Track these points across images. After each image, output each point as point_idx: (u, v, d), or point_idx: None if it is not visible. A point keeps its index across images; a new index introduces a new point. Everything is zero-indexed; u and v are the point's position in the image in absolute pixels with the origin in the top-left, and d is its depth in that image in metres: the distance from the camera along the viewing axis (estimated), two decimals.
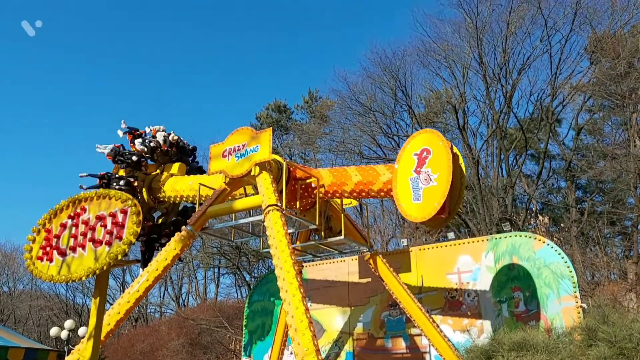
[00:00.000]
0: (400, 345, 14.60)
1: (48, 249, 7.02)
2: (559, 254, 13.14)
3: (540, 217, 26.96)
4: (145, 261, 14.22)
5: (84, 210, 7.00)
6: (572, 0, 24.92)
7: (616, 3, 24.91)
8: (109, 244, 6.58)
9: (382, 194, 12.13)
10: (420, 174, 10.42)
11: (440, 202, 9.86)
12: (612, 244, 26.90)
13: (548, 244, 13.42)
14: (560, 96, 26.99)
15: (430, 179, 10.22)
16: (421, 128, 29.92)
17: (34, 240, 7.25)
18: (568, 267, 12.89)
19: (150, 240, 14.79)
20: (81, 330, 21.57)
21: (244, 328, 17.79)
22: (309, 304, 10.84)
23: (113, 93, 72.54)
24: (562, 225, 28.47)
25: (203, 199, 13.12)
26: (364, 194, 12.49)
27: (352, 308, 15.65)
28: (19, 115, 71.73)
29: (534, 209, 28.44)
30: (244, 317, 17.91)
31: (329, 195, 12.89)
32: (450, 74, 28.81)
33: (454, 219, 29.17)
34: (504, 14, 26.17)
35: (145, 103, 72.53)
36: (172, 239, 12.79)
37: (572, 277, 12.74)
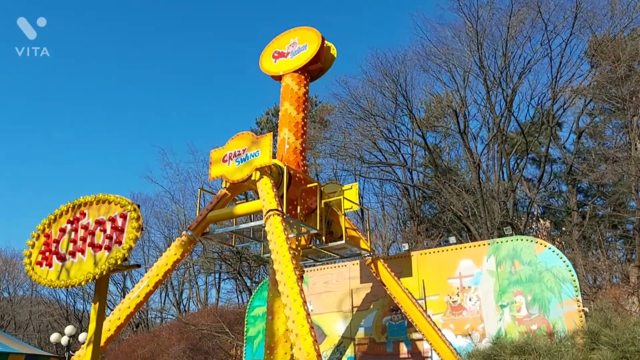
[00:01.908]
0: (402, 350, 14.53)
1: (47, 254, 6.99)
2: (561, 257, 13.10)
3: (542, 221, 26.84)
4: None
5: (84, 215, 6.96)
6: (572, 4, 24.98)
7: (616, 7, 24.95)
8: (109, 248, 6.54)
9: None
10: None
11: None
12: (614, 248, 26.83)
13: (549, 248, 13.38)
14: (561, 100, 26.98)
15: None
16: (422, 132, 30.00)
17: (33, 246, 7.22)
18: (570, 270, 12.85)
19: None
20: (81, 336, 21.53)
21: (245, 333, 17.73)
22: (310, 309, 10.80)
23: (111, 98, 72.71)
24: (563, 228, 28.40)
25: None
26: None
27: (354, 313, 15.59)
28: (18, 120, 71.89)
29: (535, 212, 28.37)
30: (245, 322, 17.86)
31: None
32: (450, 78, 28.86)
33: (455, 223, 29.17)
34: (504, 17, 26.22)
35: (145, 108, 72.68)
36: (173, 244, 12.77)
37: (574, 280, 12.70)
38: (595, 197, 29.35)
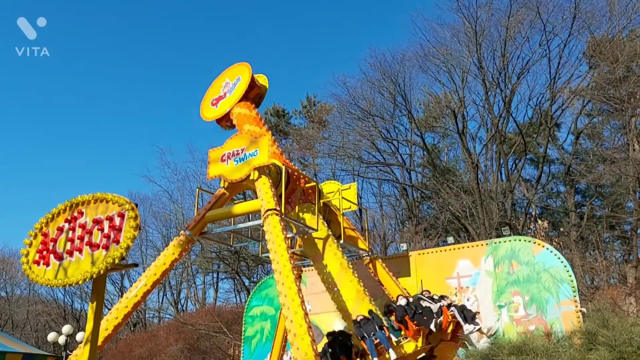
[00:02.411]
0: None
1: (45, 252, 6.99)
2: (559, 258, 13.12)
3: (540, 222, 26.91)
4: None
5: (81, 214, 6.96)
6: (570, 5, 25.00)
7: (614, 8, 24.96)
8: (106, 247, 6.54)
9: None
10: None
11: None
12: (612, 248, 26.85)
13: (547, 249, 13.39)
14: (559, 100, 27.01)
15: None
16: (420, 132, 30.01)
17: (30, 244, 7.21)
18: (567, 271, 12.86)
19: None
20: (79, 336, 21.46)
21: (242, 333, 17.71)
22: (308, 309, 10.81)
23: (110, 97, 72.63)
24: (561, 229, 28.43)
25: None
26: None
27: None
28: (16, 118, 71.77)
29: (533, 213, 28.41)
30: (243, 322, 17.84)
31: None
32: (449, 78, 28.86)
33: (453, 223, 29.19)
34: (503, 18, 26.22)
35: (143, 107, 72.61)
36: (171, 243, 12.76)
37: (572, 281, 12.72)
38: (593, 197, 29.39)
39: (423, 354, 11.09)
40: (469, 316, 11.54)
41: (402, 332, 10.76)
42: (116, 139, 73.05)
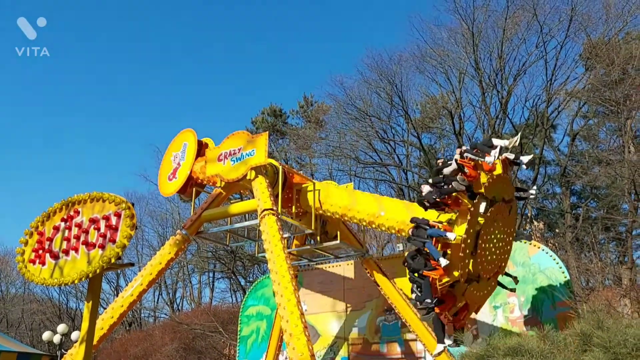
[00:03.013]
0: (396, 350, 14.55)
1: (40, 252, 6.98)
2: (554, 259, 13.16)
3: (535, 223, 26.97)
4: None
5: (78, 213, 6.96)
6: (567, 7, 25.05)
7: (610, 10, 25.04)
8: (103, 247, 6.54)
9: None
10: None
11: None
12: (607, 250, 26.93)
13: (543, 250, 13.44)
14: (555, 102, 27.07)
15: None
16: (417, 133, 30.04)
17: (26, 243, 7.21)
18: (563, 272, 12.90)
19: None
20: (74, 335, 21.39)
21: (238, 333, 17.70)
22: (304, 309, 10.83)
23: (106, 95, 72.45)
24: (557, 230, 28.50)
25: None
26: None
27: (348, 313, 15.60)
28: (18, 120, 71.50)
29: (529, 214, 28.46)
30: (239, 321, 17.83)
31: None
32: (446, 79, 28.88)
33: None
34: (500, 20, 26.26)
35: (140, 106, 72.46)
36: (167, 242, 12.77)
37: (567, 282, 12.76)
38: (588, 199, 29.47)
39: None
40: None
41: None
42: (113, 137, 72.94)
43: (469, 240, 9.24)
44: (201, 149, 13.72)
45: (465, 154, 9.80)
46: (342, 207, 12.50)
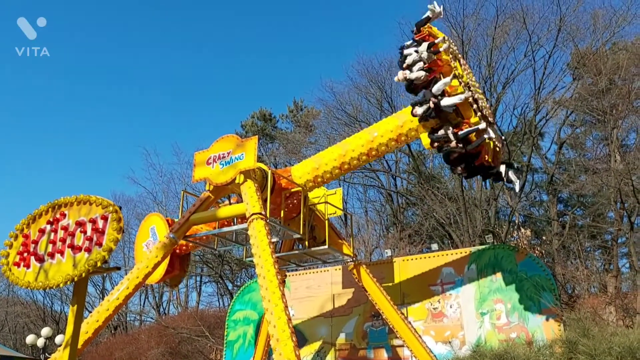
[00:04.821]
0: (383, 356, 14.55)
1: (25, 254, 6.88)
2: (541, 266, 13.25)
3: (523, 230, 27.14)
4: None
5: (64, 215, 6.87)
6: (556, 17, 25.34)
7: (598, 21, 25.38)
8: (89, 250, 6.46)
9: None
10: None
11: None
12: (593, 258, 27.18)
13: (530, 257, 13.53)
14: (543, 110, 27.33)
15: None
16: None
17: (11, 246, 7.11)
18: (549, 279, 12.99)
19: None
20: (58, 338, 21.14)
21: (225, 337, 17.60)
22: (291, 314, 10.79)
23: (96, 99, 71.91)
24: (543, 238, 28.70)
25: None
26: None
27: (335, 318, 15.58)
28: (17, 120, 70.70)
29: (516, 221, 28.62)
30: (226, 326, 17.73)
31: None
32: None
33: (437, 230, 29.34)
34: (490, 28, 26.48)
35: (129, 107, 72.02)
36: (154, 246, 12.65)
37: (553, 289, 12.84)
38: (575, 207, 29.74)
39: None
40: None
41: None
42: (100, 139, 72.40)
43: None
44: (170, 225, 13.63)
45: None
46: (337, 158, 12.46)
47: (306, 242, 13.26)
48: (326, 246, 13.22)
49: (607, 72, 23.22)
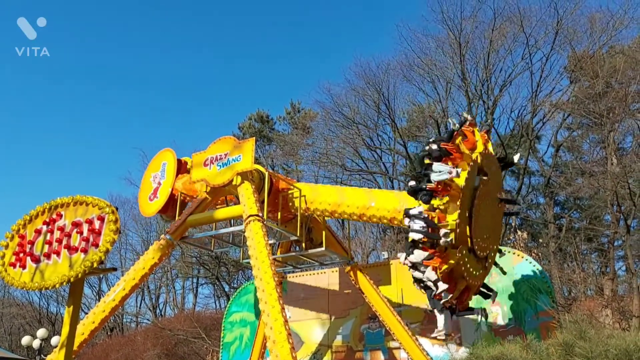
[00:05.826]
0: (379, 358, 14.53)
1: (21, 255, 6.87)
2: (537, 269, 13.25)
3: (519, 233, 27.18)
4: None
5: (60, 216, 6.86)
6: (553, 20, 25.43)
7: (595, 25, 25.47)
8: (85, 251, 6.45)
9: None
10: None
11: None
12: (589, 260, 27.24)
13: (526, 259, 13.53)
14: (540, 113, 27.42)
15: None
16: (403, 141, 30.21)
17: (7, 246, 7.09)
18: (546, 282, 13.00)
19: None
20: (54, 340, 21.07)
21: (221, 339, 17.56)
22: (288, 316, 10.78)
23: (95, 99, 71.80)
24: (540, 240, 28.75)
25: None
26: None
27: (332, 320, 15.56)
28: (17, 119, 70.50)
29: (513, 224, 28.68)
30: (222, 328, 17.69)
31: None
32: (433, 88, 29.10)
33: None
34: (487, 31, 26.56)
35: (126, 109, 71.90)
36: (151, 247, 12.65)
37: (550, 292, 12.85)
38: (571, 210, 29.80)
39: None
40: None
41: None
42: (97, 140, 72.27)
43: (462, 224, 9.78)
44: (181, 167, 13.65)
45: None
46: (331, 204, 12.47)
47: (303, 244, 13.25)
48: (323, 248, 13.21)
49: (604, 76, 23.30)
